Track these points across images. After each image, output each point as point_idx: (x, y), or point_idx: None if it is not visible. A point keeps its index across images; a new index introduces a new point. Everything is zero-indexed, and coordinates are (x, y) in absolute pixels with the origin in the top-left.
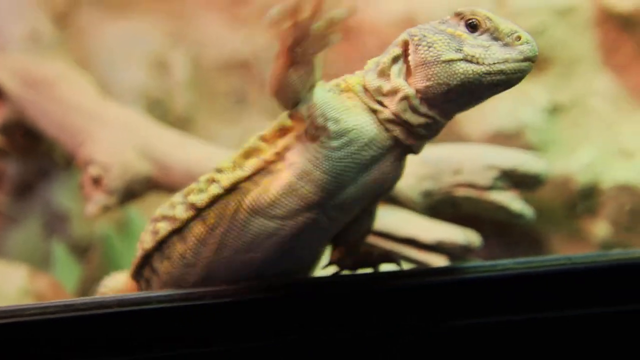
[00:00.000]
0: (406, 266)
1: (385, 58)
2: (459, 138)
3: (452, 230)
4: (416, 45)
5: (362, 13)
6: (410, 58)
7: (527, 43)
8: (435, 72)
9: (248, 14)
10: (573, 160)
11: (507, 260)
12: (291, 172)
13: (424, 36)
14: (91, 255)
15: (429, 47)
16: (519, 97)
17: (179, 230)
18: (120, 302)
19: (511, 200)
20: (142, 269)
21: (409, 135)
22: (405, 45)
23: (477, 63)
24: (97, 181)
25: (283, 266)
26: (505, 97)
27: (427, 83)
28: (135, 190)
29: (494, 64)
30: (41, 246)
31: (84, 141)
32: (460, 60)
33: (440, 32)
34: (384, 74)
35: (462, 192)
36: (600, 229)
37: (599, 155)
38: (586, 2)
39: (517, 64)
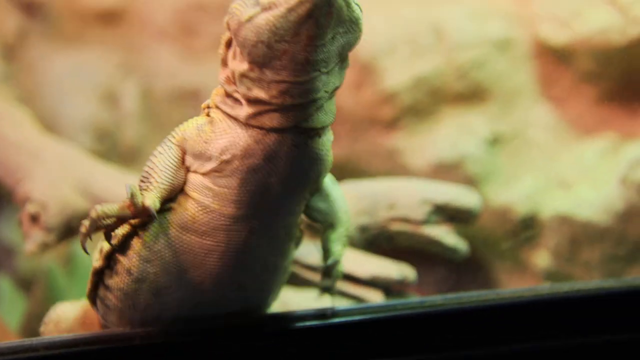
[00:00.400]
0: (343, 301)
1: (220, 48)
2: (401, 168)
3: (388, 265)
4: (229, 20)
5: None
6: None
7: None
8: (244, 35)
9: (199, 44)
10: (513, 190)
11: (436, 297)
12: (197, 191)
13: (230, 8)
14: (35, 290)
15: (232, 15)
16: (460, 128)
17: (121, 246)
18: (49, 345)
19: (445, 234)
20: (97, 289)
21: (282, 115)
22: (227, 24)
23: (275, 7)
24: (35, 218)
25: (240, 282)
26: (446, 127)
27: (246, 50)
28: (74, 227)
29: None
30: None
31: (23, 178)
32: (259, 13)
33: None
34: (225, 63)
35: (397, 226)
36: (541, 258)
37: (538, 185)
38: (523, 36)
39: None
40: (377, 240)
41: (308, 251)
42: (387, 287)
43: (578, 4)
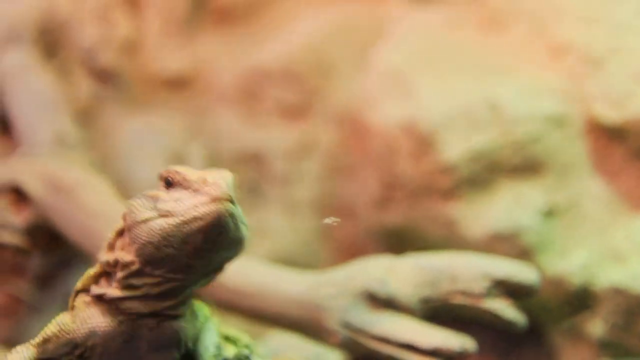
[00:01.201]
0: None
1: (110, 233)
2: (458, 237)
3: (449, 336)
4: (126, 214)
5: (367, 114)
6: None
7: (214, 184)
8: (137, 233)
9: (261, 108)
10: (568, 261)
11: None
12: None
13: (130, 204)
14: None
15: (131, 212)
16: (515, 200)
17: None
18: None
19: (504, 308)
20: None
21: (146, 303)
22: (124, 217)
23: (171, 215)
24: None
25: None
26: (502, 199)
27: (135, 245)
28: None
29: (185, 211)
30: None
31: (102, 245)
32: (155, 217)
33: (142, 196)
34: (112, 247)
35: (458, 299)
36: (597, 327)
37: (593, 257)
38: (576, 112)
39: (206, 207)
40: (438, 312)
41: (374, 320)
42: (448, 357)
43: (631, 84)
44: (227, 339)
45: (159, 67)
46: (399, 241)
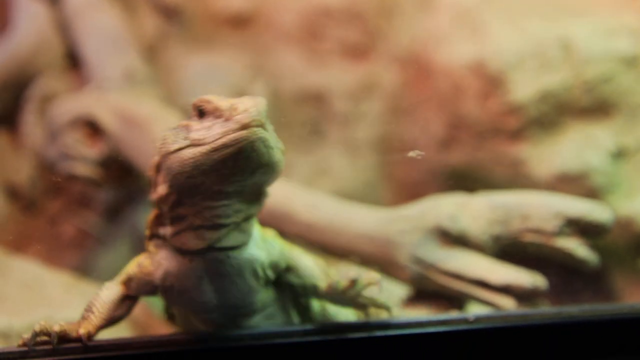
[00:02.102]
0: (475, 307)
1: (150, 170)
2: (524, 178)
3: (520, 273)
4: (160, 146)
5: (433, 54)
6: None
7: (245, 112)
8: (169, 164)
9: (323, 48)
10: (636, 202)
11: (572, 307)
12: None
13: (163, 136)
14: None
15: (164, 143)
16: (584, 141)
17: None
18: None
19: (577, 246)
20: None
21: (197, 235)
22: (159, 150)
23: (202, 144)
24: None
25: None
26: (571, 140)
27: (169, 175)
28: None
29: (215, 140)
30: None
31: None
32: (187, 147)
33: (174, 128)
34: (155, 184)
35: (529, 237)
36: None
37: None
38: None
39: (235, 134)
40: (509, 250)
41: (445, 256)
42: (518, 294)
43: None
44: None
45: (222, 5)
46: (461, 181)
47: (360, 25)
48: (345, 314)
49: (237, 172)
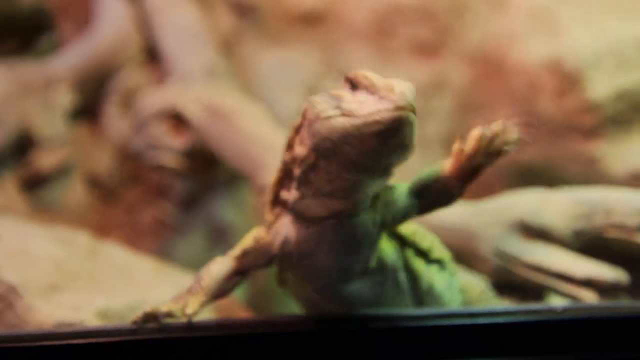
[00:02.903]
0: (557, 299)
1: (289, 131)
2: (598, 176)
3: (602, 267)
4: (307, 109)
5: (506, 50)
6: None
7: (401, 94)
8: (317, 128)
9: (394, 45)
10: None
11: None
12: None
13: (313, 100)
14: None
15: (313, 107)
16: None
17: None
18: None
19: None
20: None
21: (321, 204)
22: (304, 113)
23: (354, 116)
24: None
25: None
26: None
27: (313, 139)
28: None
29: (369, 114)
30: (205, 257)
31: (260, 169)
32: (338, 116)
33: (325, 95)
34: (291, 146)
35: (612, 232)
36: None
37: None
38: None
39: (389, 113)
40: (592, 245)
41: (527, 249)
42: (600, 288)
43: None
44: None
45: (295, 2)
46: (533, 179)
47: (431, 23)
48: (450, 296)
49: (381, 150)
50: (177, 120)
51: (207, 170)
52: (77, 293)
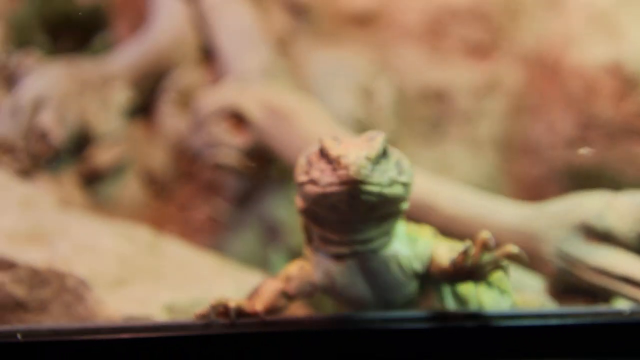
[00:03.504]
0: (624, 304)
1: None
2: None
3: None
4: (295, 171)
5: (562, 52)
6: None
7: (345, 169)
8: (298, 191)
9: (446, 46)
10: None
11: None
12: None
13: (297, 162)
14: None
15: (295, 170)
16: None
17: None
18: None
19: None
20: None
21: (340, 247)
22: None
23: (316, 184)
24: None
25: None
26: None
27: (298, 199)
28: None
29: (325, 185)
30: (258, 254)
31: None
32: (307, 182)
33: (305, 157)
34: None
35: None
36: None
37: None
38: None
39: (336, 187)
40: None
41: (591, 252)
42: None
43: None
44: None
45: (348, 3)
46: (586, 182)
47: (484, 24)
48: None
49: (346, 215)
50: (237, 119)
51: (265, 169)
52: (143, 287)
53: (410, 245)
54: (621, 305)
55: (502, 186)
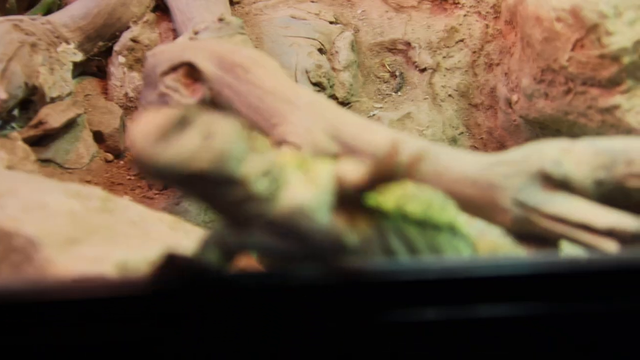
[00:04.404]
0: (576, 250)
1: None
2: (615, 129)
3: (624, 217)
4: None
5: (526, 3)
6: None
7: None
8: None
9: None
10: None
11: None
12: None
13: None
14: None
15: None
16: None
17: None
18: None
19: None
20: None
21: None
22: None
23: None
24: None
25: None
26: None
27: None
28: None
29: None
30: (212, 214)
31: (278, 123)
32: None
33: None
34: None
35: (633, 182)
36: None
37: None
38: None
39: None
40: (613, 195)
41: (548, 200)
42: (622, 238)
43: None
44: None
45: None
46: (551, 131)
47: None
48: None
49: None
50: (191, 74)
51: None
52: (95, 246)
53: None
54: (570, 251)
55: (465, 139)
